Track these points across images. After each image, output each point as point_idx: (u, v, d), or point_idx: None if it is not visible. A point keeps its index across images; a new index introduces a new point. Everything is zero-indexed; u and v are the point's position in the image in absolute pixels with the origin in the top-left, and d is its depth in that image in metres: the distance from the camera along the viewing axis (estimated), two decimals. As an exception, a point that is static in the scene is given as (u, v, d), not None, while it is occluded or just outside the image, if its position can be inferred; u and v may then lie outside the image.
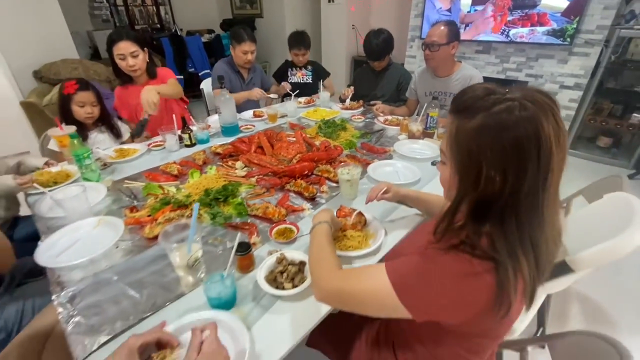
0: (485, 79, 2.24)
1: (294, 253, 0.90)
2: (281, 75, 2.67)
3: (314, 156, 1.41)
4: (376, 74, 2.41)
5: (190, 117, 1.87)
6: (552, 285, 0.92)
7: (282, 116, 2.09)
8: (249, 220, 1.09)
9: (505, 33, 3.13)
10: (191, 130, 1.69)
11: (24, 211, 1.46)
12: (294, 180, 1.28)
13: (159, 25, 5.85)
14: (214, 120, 1.97)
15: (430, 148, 1.58)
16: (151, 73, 1.88)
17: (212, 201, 1.14)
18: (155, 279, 0.87)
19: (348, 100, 2.22)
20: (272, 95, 2.39)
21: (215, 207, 1.13)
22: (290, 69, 2.65)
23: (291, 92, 2.23)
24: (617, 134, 3.20)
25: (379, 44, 2.20)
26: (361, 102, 2.24)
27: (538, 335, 1.35)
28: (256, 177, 1.32)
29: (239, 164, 1.41)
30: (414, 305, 0.59)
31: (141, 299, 0.81)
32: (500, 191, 0.55)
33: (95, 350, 0.69)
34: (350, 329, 0.96)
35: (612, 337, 0.69)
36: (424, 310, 0.59)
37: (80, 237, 1.02)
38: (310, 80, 2.65)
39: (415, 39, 3.83)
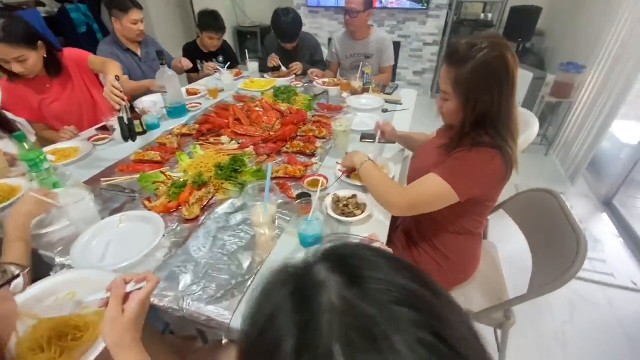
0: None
1: (339, 192, 1.07)
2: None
3: (293, 119, 1.53)
4: (288, 53, 2.36)
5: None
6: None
7: (220, 90, 2.03)
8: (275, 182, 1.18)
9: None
10: (141, 116, 1.51)
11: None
12: (289, 143, 1.39)
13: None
14: (148, 102, 1.75)
15: (374, 100, 1.88)
16: (53, 71, 1.47)
17: (231, 173, 1.16)
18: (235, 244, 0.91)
19: (283, 68, 2.28)
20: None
21: (238, 178, 1.15)
22: (200, 62, 2.34)
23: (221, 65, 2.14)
24: (462, 78, 4.27)
25: (289, 23, 2.16)
26: (293, 68, 2.31)
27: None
28: (251, 146, 1.36)
29: (224, 138, 1.40)
30: (463, 190, 0.88)
31: (236, 263, 0.86)
32: (491, 106, 0.87)
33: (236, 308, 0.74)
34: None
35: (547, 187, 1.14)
36: (468, 191, 0.89)
37: (110, 238, 0.92)
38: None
39: (301, 7, 4.01)
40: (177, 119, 1.70)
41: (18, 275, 0.47)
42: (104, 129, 1.57)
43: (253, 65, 2.30)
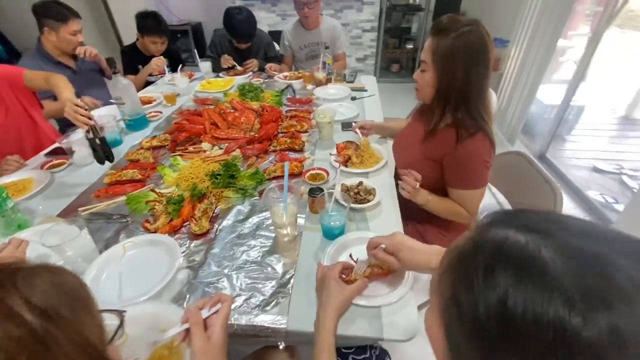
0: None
1: (345, 181, 1.10)
2: (128, 68, 2.19)
3: (271, 117, 1.49)
4: (241, 52, 2.27)
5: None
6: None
7: (177, 95, 1.89)
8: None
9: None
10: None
11: None
12: (275, 141, 1.36)
13: None
14: (107, 116, 1.55)
15: (341, 90, 1.92)
16: None
17: (229, 179, 1.11)
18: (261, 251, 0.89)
19: (238, 67, 2.19)
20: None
21: (237, 184, 1.11)
22: (142, 67, 2.11)
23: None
24: (400, 60, 4.51)
25: (243, 22, 2.07)
26: (249, 64, 2.23)
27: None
28: (236, 149, 1.31)
29: (205, 145, 1.33)
30: (484, 183, 1.00)
31: (268, 269, 0.84)
32: (468, 83, 0.95)
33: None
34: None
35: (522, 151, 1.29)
36: (487, 179, 1.00)
37: (120, 269, 0.83)
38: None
39: (236, 0, 3.85)
40: (138, 132, 1.55)
41: (122, 323, 0.42)
42: (55, 152, 1.37)
43: (205, 65, 2.17)
